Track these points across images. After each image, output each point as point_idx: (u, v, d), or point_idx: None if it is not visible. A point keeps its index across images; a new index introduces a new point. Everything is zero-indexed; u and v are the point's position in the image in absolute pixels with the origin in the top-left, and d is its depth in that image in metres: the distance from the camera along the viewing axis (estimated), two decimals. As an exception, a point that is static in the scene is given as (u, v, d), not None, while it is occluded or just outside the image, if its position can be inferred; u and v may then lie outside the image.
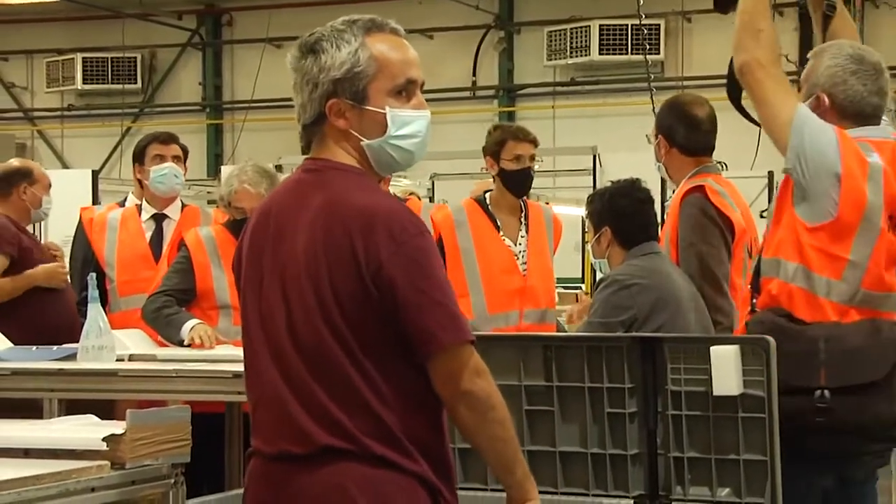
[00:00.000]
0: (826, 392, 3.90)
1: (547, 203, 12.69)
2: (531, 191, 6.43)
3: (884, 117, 4.32)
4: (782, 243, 4.06)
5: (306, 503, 2.82)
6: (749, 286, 4.30)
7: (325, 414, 2.81)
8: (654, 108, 5.59)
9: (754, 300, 4.15)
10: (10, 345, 5.85)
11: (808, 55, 4.34)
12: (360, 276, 2.80)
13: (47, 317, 6.29)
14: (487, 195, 6.34)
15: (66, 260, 6.75)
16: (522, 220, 6.27)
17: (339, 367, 2.81)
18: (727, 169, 8.27)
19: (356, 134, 2.95)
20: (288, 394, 2.84)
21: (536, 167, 6.29)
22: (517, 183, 6.16)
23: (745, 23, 4.13)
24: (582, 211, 6.74)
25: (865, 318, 4.01)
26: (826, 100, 4.15)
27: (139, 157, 6.54)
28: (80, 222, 6.64)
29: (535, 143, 6.28)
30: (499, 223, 6.18)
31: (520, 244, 6.18)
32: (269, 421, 2.89)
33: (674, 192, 5.48)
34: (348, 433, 2.80)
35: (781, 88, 4.07)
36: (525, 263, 6.12)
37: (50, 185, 6.89)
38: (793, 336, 3.92)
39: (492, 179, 6.35)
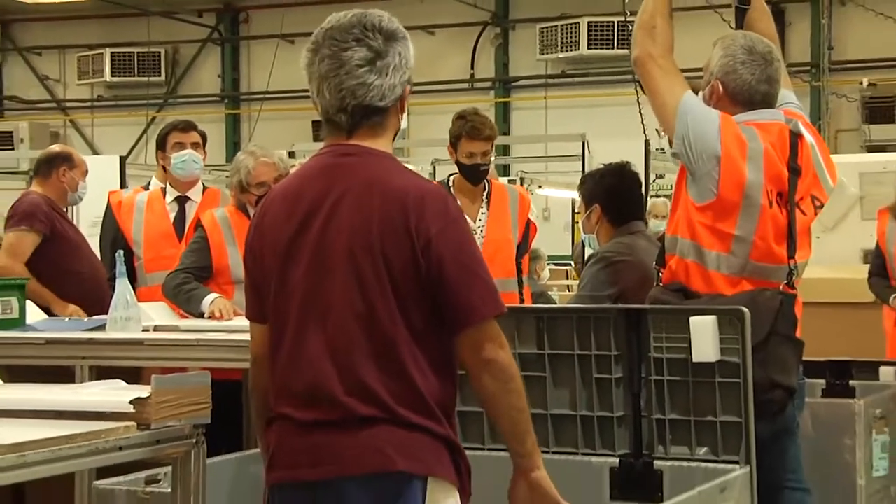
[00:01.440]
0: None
1: (540, 186, 12.75)
2: (525, 174, 6.42)
3: (789, 96, 4.42)
4: (679, 222, 4.15)
5: (344, 463, 2.79)
6: (655, 263, 4.36)
7: (362, 385, 2.79)
8: (638, 98, 5.59)
9: (660, 274, 4.22)
10: (45, 317, 5.89)
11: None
12: (412, 248, 2.79)
13: (79, 292, 6.30)
14: (452, 178, 6.31)
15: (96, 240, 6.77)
16: (484, 198, 6.25)
17: (384, 334, 2.80)
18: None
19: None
20: (327, 363, 2.82)
21: (492, 158, 6.21)
22: (470, 175, 6.12)
23: (643, 21, 4.24)
24: (572, 194, 6.76)
25: (753, 289, 4.07)
26: (720, 87, 4.23)
27: (161, 145, 6.54)
28: (108, 205, 6.62)
29: (488, 138, 6.13)
30: (458, 203, 6.13)
31: (479, 220, 6.13)
32: (302, 390, 2.85)
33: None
34: (383, 403, 2.79)
35: (670, 79, 4.15)
36: (483, 238, 6.09)
37: (87, 171, 6.89)
38: (682, 312, 3.96)
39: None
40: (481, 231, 6.10)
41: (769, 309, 4.07)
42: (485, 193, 6.22)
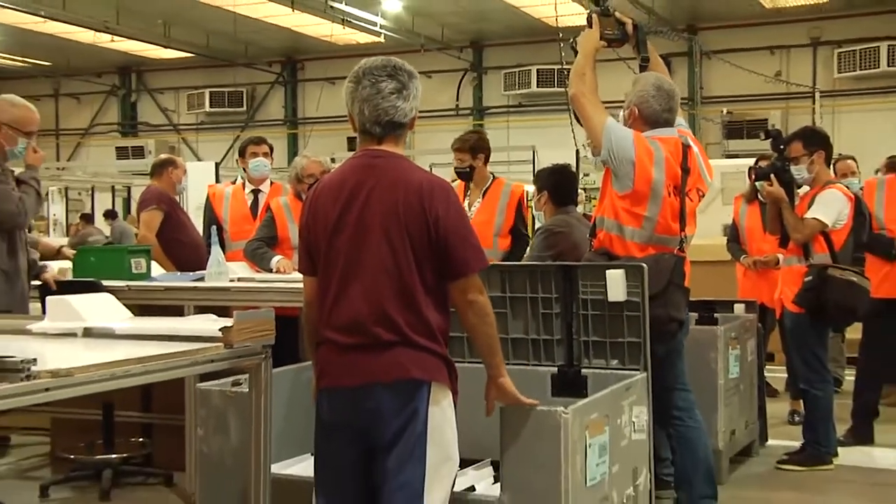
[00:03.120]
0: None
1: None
2: (495, 173, 6.26)
3: (681, 120, 4.38)
4: (606, 207, 4.13)
5: (375, 373, 2.76)
6: (589, 234, 4.34)
7: (387, 319, 2.76)
8: (571, 122, 5.53)
9: (591, 243, 4.21)
10: (164, 271, 5.88)
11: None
12: (426, 223, 2.77)
13: (185, 254, 6.28)
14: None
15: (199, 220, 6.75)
16: (482, 192, 6.15)
17: (406, 282, 2.77)
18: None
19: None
20: (363, 304, 2.78)
21: (479, 163, 6.01)
22: (459, 175, 6.08)
23: (576, 70, 4.20)
24: (529, 186, 6.70)
25: (657, 252, 4.05)
26: (636, 111, 4.23)
27: (242, 154, 6.52)
28: (207, 195, 6.64)
29: (469, 150, 5.84)
30: (456, 192, 6.04)
31: (474, 207, 6.07)
32: (344, 323, 2.80)
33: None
34: (402, 332, 2.76)
35: (596, 110, 4.11)
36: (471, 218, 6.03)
37: (186, 171, 6.88)
38: (601, 267, 3.94)
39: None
40: (470, 216, 6.05)
41: (667, 267, 4.06)
42: (484, 188, 6.13)
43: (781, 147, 5.61)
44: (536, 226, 5.15)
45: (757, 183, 5.71)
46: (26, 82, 18.99)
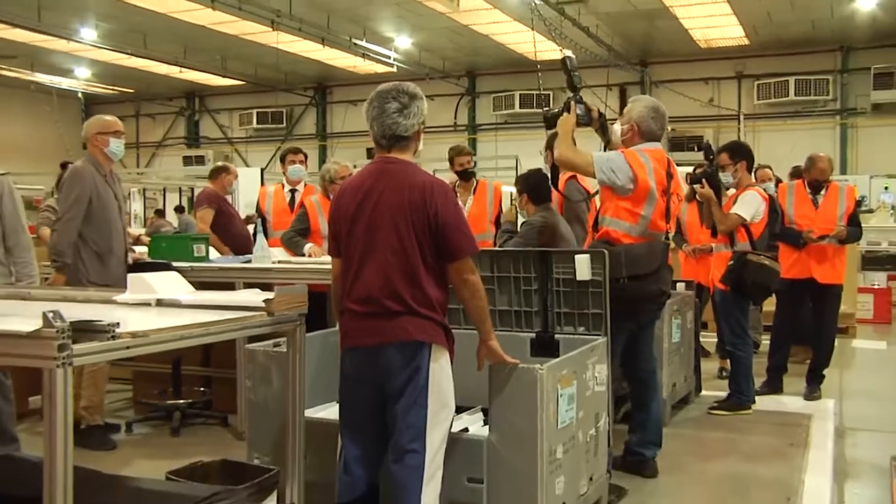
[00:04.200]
0: (623, 280, 3.89)
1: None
2: (485, 177, 6.36)
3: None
4: (607, 208, 4.03)
5: (387, 336, 2.74)
6: (591, 228, 4.26)
7: (396, 293, 2.74)
8: (547, 135, 5.49)
9: (595, 234, 4.11)
10: (219, 255, 5.85)
11: (629, 101, 4.29)
12: (427, 215, 2.74)
13: (235, 242, 6.25)
14: (455, 182, 6.23)
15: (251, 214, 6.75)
16: (472, 191, 6.17)
17: (410, 263, 2.74)
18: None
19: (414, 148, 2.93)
20: (377, 280, 2.75)
21: (475, 165, 6.19)
22: (461, 176, 6.08)
23: (557, 143, 4.05)
24: (511, 188, 6.66)
25: (647, 241, 3.98)
26: (636, 127, 4.11)
27: (282, 161, 6.50)
28: (258, 196, 6.67)
29: (469, 153, 6.10)
30: (457, 193, 6.09)
31: (468, 204, 6.09)
32: (362, 296, 2.77)
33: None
34: (407, 303, 2.73)
35: (579, 156, 3.97)
36: (467, 213, 6.02)
37: (237, 176, 6.85)
38: (607, 251, 3.87)
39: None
40: (465, 210, 6.05)
41: (660, 251, 4.04)
42: (473, 188, 6.12)
43: (712, 157, 5.67)
44: (520, 220, 5.09)
45: (693, 185, 5.70)
46: (115, 105, 19.05)
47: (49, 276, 4.83)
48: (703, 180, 5.50)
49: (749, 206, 5.39)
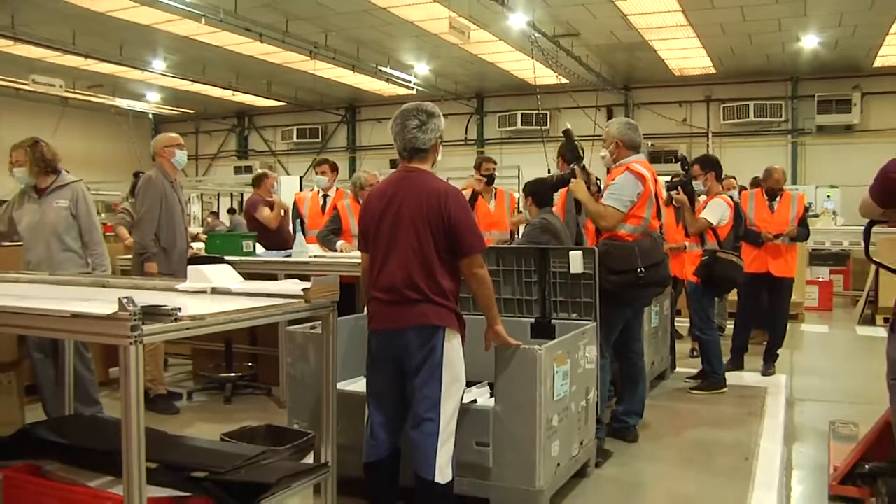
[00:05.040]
0: (641, 269, 3.82)
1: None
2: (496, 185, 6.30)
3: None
4: None
5: (407, 320, 2.72)
6: (594, 231, 4.16)
7: (414, 284, 2.71)
8: (545, 148, 5.43)
9: (598, 236, 4.04)
10: (264, 250, 5.84)
11: (605, 126, 4.19)
12: (442, 217, 2.70)
13: (280, 240, 6.23)
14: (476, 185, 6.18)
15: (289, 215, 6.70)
16: (493, 196, 6.12)
17: (427, 258, 2.71)
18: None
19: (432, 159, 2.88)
20: (399, 273, 2.72)
21: (496, 172, 6.15)
22: (489, 180, 6.03)
23: (591, 212, 3.94)
24: (516, 194, 6.63)
25: (647, 237, 3.93)
26: (620, 142, 4.03)
27: (315, 170, 6.49)
28: (294, 199, 6.62)
29: (493, 162, 6.09)
30: (465, 196, 6.01)
31: (491, 205, 6.06)
32: (386, 286, 2.75)
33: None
34: (424, 293, 2.70)
35: (613, 215, 3.86)
36: (492, 213, 6.02)
37: (277, 179, 6.82)
38: (620, 247, 3.84)
39: (474, 180, 6.16)
40: (490, 210, 6.01)
41: (660, 244, 4.00)
42: (493, 192, 6.08)
43: (686, 168, 5.67)
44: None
45: (670, 192, 5.70)
46: (178, 124, 19.12)
47: (128, 267, 4.98)
48: (679, 188, 5.52)
49: (715, 211, 5.41)
